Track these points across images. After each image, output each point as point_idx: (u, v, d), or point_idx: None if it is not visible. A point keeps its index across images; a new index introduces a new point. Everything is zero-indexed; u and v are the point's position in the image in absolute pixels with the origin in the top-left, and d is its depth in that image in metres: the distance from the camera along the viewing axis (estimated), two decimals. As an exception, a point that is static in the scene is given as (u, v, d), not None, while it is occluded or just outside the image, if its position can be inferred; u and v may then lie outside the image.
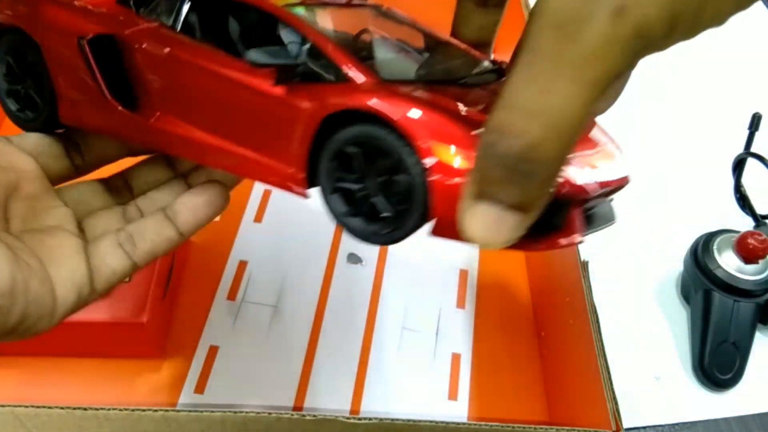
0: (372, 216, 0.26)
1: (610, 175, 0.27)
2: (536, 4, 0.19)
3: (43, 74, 0.33)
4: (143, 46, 0.30)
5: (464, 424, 0.35)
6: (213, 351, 0.50)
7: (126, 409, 0.35)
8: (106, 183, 0.36)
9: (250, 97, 0.28)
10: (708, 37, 0.19)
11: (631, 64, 0.19)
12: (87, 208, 0.34)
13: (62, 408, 0.35)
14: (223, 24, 0.31)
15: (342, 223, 0.27)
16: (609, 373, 0.38)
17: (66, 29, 0.31)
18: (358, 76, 0.26)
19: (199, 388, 0.48)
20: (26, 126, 0.35)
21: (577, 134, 0.19)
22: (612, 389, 0.37)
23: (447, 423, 0.35)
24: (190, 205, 0.33)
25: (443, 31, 0.33)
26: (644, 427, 0.48)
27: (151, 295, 0.46)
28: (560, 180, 0.23)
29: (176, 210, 0.33)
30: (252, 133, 0.29)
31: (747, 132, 0.61)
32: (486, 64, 0.32)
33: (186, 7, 0.31)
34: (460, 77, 0.30)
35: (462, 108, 0.25)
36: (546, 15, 0.18)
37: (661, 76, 0.71)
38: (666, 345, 0.53)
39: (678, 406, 0.50)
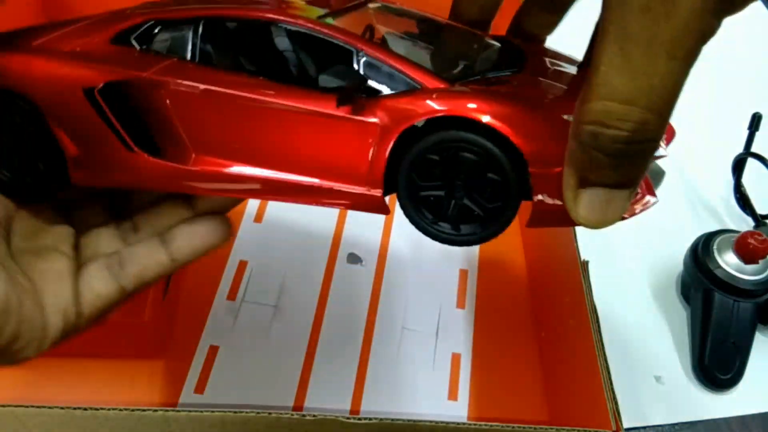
0: (460, 219, 0.26)
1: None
2: None
3: (41, 135, 0.30)
4: (169, 87, 0.28)
5: (464, 424, 0.35)
6: (213, 351, 0.50)
7: (126, 409, 0.35)
8: (110, 198, 0.35)
9: (311, 121, 0.26)
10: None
11: (718, 27, 0.19)
12: (86, 225, 0.33)
13: (62, 408, 0.35)
14: (235, 48, 0.29)
15: (428, 232, 0.26)
16: (609, 373, 0.38)
17: (67, 82, 0.28)
18: (428, 81, 0.26)
19: (199, 388, 0.48)
20: (23, 195, 0.31)
21: (675, 106, 0.20)
22: (612, 389, 0.37)
23: (447, 423, 0.35)
24: (188, 233, 0.32)
25: (433, 11, 0.33)
26: (644, 427, 0.48)
27: (151, 295, 0.46)
28: None
29: (173, 235, 0.32)
30: (317, 159, 0.27)
31: (747, 132, 0.61)
32: (494, 43, 0.31)
33: (199, 37, 0.29)
34: (504, 65, 0.29)
35: (534, 96, 0.25)
36: (629, 1, 0.19)
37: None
38: (666, 345, 0.53)
39: (678, 406, 0.49)
